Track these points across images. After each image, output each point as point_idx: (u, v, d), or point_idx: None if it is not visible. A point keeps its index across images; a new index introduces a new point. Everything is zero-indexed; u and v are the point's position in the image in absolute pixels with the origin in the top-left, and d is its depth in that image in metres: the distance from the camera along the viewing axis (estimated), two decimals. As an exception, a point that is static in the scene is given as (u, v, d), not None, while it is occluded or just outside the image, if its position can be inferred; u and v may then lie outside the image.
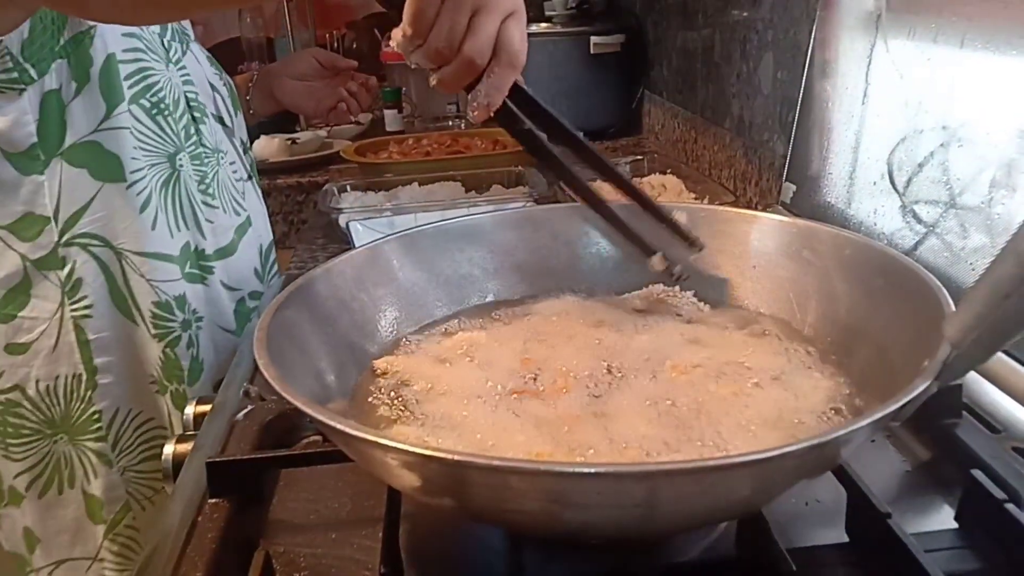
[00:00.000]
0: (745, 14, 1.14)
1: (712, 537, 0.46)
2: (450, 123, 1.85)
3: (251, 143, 1.03)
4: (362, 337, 0.56)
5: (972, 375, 0.57)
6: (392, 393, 0.52)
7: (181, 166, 0.81)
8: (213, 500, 0.49)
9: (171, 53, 0.83)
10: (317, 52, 1.19)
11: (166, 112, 0.80)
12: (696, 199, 1.10)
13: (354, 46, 2.03)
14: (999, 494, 0.43)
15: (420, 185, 1.21)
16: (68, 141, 0.74)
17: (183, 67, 0.84)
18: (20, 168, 0.73)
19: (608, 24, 1.66)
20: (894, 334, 0.48)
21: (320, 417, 0.38)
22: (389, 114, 1.83)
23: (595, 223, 0.65)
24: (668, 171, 1.22)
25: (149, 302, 0.79)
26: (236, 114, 0.95)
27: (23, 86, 0.70)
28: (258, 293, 0.92)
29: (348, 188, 1.19)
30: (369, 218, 1.05)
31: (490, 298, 0.64)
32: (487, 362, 0.54)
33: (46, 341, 0.77)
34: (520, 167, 1.25)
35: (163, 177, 0.80)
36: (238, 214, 0.90)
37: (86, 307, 0.77)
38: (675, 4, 1.45)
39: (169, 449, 0.56)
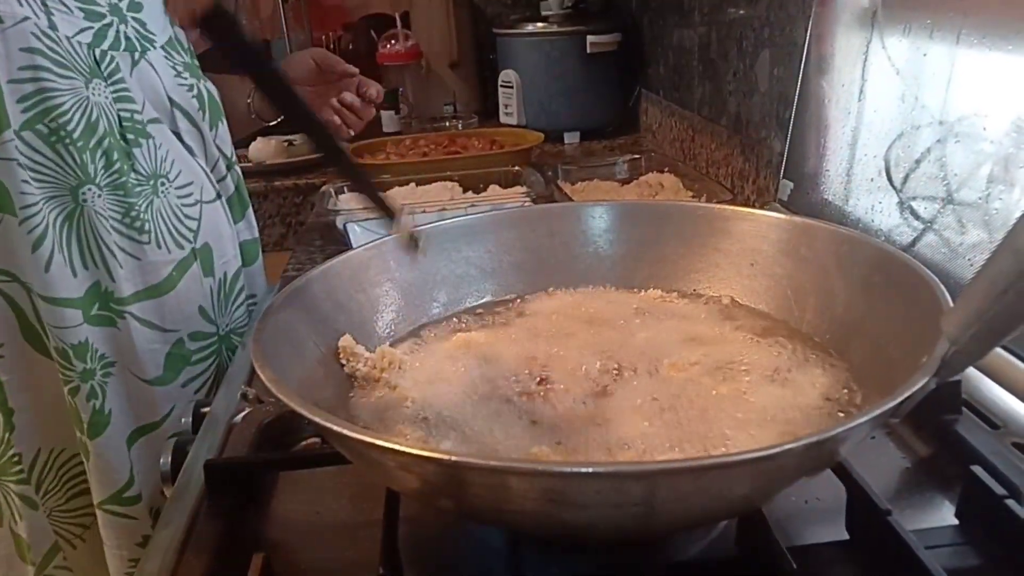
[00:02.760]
0: (741, 12, 1.14)
1: (712, 535, 0.46)
2: (447, 124, 1.86)
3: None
4: (360, 337, 0.56)
5: (971, 371, 0.57)
6: (390, 394, 0.51)
7: (85, 200, 0.71)
8: (212, 502, 0.49)
9: (104, 66, 0.72)
10: (316, 53, 1.06)
11: (67, 140, 0.69)
12: (694, 197, 1.11)
13: (351, 47, 2.03)
14: (999, 490, 0.43)
15: (417, 186, 1.22)
16: None
17: (118, 82, 0.73)
18: None
19: (604, 23, 1.66)
20: (892, 330, 0.48)
21: (317, 419, 0.38)
22: (386, 115, 1.83)
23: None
24: (666, 169, 1.23)
25: (52, 347, 0.73)
26: (215, 126, 0.85)
27: None
28: (203, 334, 0.81)
29: (345, 190, 1.19)
30: (366, 219, 1.05)
31: (487, 297, 0.64)
32: (486, 361, 0.54)
33: None
34: (517, 167, 1.26)
35: (64, 212, 0.71)
36: (181, 247, 0.78)
37: None
38: (671, 2, 1.45)
39: (167, 453, 0.56)
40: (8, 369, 0.73)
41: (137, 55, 0.76)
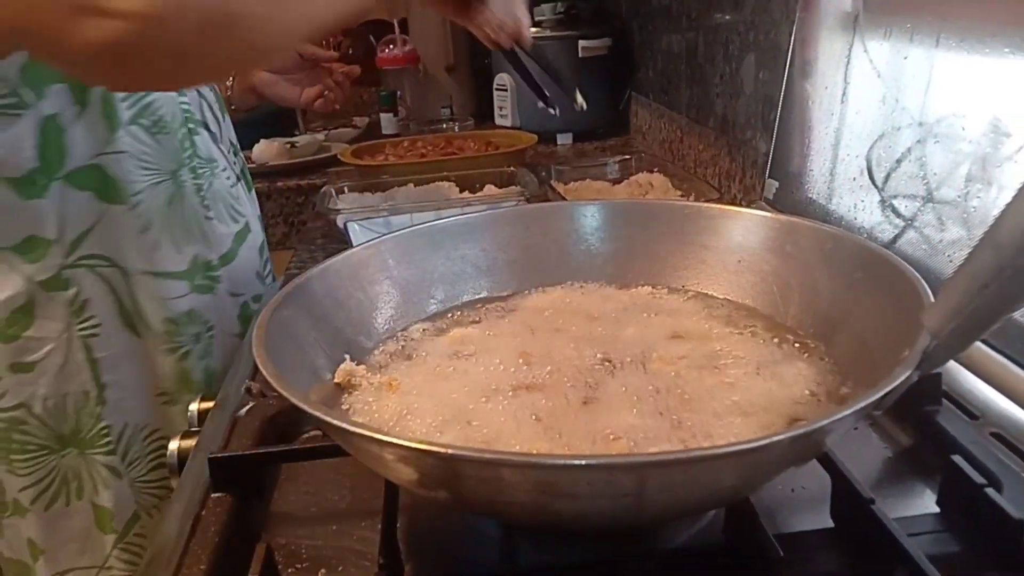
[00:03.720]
0: (728, 17, 1.15)
1: (701, 524, 0.47)
2: (444, 126, 1.87)
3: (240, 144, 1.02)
4: (358, 334, 0.57)
5: (951, 363, 0.57)
6: (387, 388, 0.52)
7: (183, 182, 0.81)
8: (216, 495, 0.49)
9: None
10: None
11: (165, 129, 0.79)
12: (682, 196, 1.12)
13: (350, 52, 2.04)
14: (978, 479, 0.44)
15: (415, 186, 1.23)
16: (69, 166, 0.73)
17: None
18: (20, 192, 0.72)
19: (595, 28, 1.67)
20: (875, 324, 0.49)
21: (317, 414, 0.38)
22: (385, 118, 1.85)
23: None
24: (655, 170, 1.24)
25: (160, 318, 0.80)
26: (224, 117, 0.94)
27: (20, 111, 0.70)
28: (259, 295, 0.93)
29: (346, 190, 1.20)
30: (366, 218, 1.05)
31: (483, 294, 0.65)
32: (482, 356, 0.54)
33: (54, 360, 0.77)
34: (512, 167, 1.27)
35: (167, 195, 0.80)
36: (236, 221, 0.90)
37: (93, 326, 0.77)
38: (660, 8, 1.46)
39: (174, 445, 0.57)
40: (104, 347, 0.78)
41: None
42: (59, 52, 0.52)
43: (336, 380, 0.52)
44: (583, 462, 0.35)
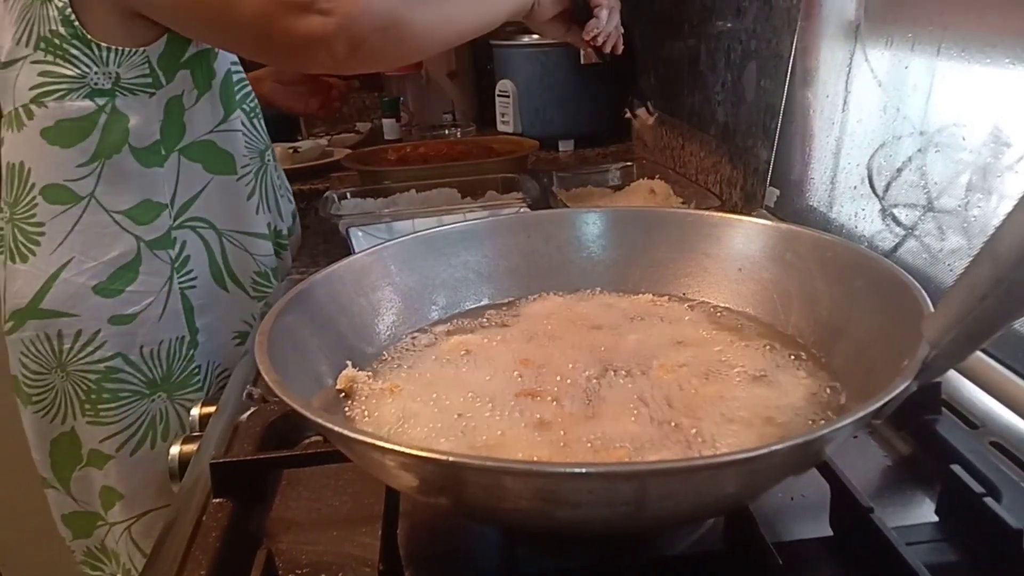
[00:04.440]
0: (729, 25, 1.15)
1: (700, 532, 0.47)
2: (446, 132, 1.87)
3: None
4: (361, 340, 0.57)
5: (950, 372, 0.57)
6: (389, 394, 0.52)
7: (268, 160, 0.96)
8: (217, 500, 0.49)
9: None
10: None
11: (258, 116, 0.95)
12: (683, 203, 1.12)
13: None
14: (977, 488, 0.44)
15: (417, 191, 1.23)
16: (186, 140, 0.85)
17: None
18: (142, 161, 0.83)
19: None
20: (874, 334, 0.49)
21: (318, 420, 0.38)
22: (387, 123, 1.85)
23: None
24: (656, 177, 1.24)
25: (251, 272, 0.94)
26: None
27: (154, 90, 0.82)
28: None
29: (348, 195, 1.20)
30: (368, 224, 1.06)
31: (484, 301, 0.65)
32: (484, 363, 0.55)
33: (153, 311, 0.86)
34: (513, 174, 1.27)
35: (258, 168, 0.94)
36: (291, 201, 1.05)
37: (192, 279, 0.89)
38: (661, 15, 1.46)
39: (175, 450, 0.57)
40: (198, 296, 0.90)
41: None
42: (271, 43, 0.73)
43: (338, 386, 0.52)
44: (584, 470, 0.35)
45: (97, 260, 0.83)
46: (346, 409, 0.51)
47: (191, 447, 0.58)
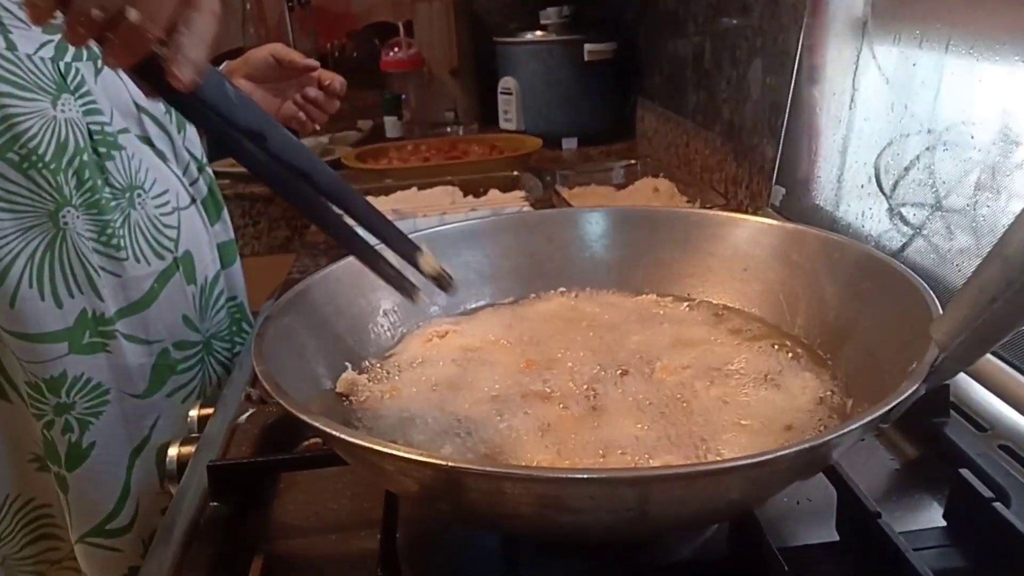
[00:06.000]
0: (735, 22, 1.15)
1: (705, 537, 0.46)
2: (448, 129, 1.87)
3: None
4: (359, 341, 0.56)
5: (959, 375, 0.56)
6: (388, 397, 0.52)
7: (66, 224, 0.68)
8: (214, 503, 0.49)
9: (70, 79, 0.69)
10: (275, 49, 0.98)
11: (40, 164, 0.66)
12: (688, 202, 1.12)
13: (354, 55, 2.04)
14: (986, 492, 0.44)
15: (419, 190, 1.23)
16: None
17: (85, 94, 0.70)
18: None
19: (601, 32, 1.67)
20: (882, 336, 0.48)
21: (316, 423, 0.38)
22: (389, 121, 1.85)
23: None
24: (661, 175, 1.24)
25: (23, 381, 0.71)
26: (182, 128, 0.82)
27: None
28: (188, 342, 0.78)
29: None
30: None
31: (486, 301, 0.65)
32: (485, 364, 0.54)
33: None
34: (516, 172, 1.27)
35: (45, 240, 0.68)
36: (162, 258, 0.75)
37: None
38: (667, 12, 1.46)
39: (173, 451, 0.56)
40: None
41: (99, 63, 0.72)
42: None
43: (338, 390, 0.51)
44: (585, 476, 0.35)
45: None
46: (345, 412, 0.50)
47: (189, 448, 0.57)
